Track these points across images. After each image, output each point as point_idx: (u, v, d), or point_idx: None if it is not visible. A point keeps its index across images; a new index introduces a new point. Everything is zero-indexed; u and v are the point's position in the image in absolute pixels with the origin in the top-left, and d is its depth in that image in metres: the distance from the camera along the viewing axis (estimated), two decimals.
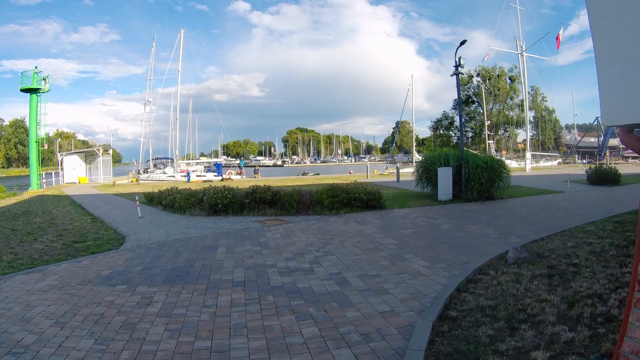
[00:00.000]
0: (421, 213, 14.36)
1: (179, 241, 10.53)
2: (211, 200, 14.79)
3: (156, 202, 18.04)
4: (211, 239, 10.66)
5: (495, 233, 10.58)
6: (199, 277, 7.26)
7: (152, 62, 55.38)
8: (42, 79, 34.95)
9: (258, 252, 9.03)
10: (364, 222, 12.57)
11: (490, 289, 6.08)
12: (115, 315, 5.55)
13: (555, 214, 13.64)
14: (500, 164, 18.43)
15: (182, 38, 49.70)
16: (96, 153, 45.14)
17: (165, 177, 45.61)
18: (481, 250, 8.74)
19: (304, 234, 10.96)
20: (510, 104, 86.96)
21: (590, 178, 25.43)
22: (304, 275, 7.16)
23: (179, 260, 8.56)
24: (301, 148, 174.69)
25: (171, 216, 15.21)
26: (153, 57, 55.72)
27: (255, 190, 15.13)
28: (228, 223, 13.15)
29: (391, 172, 45.83)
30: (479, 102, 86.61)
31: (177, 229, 12.34)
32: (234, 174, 49.04)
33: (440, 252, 8.57)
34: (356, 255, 8.45)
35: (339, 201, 14.62)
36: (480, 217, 13.31)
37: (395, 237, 10.27)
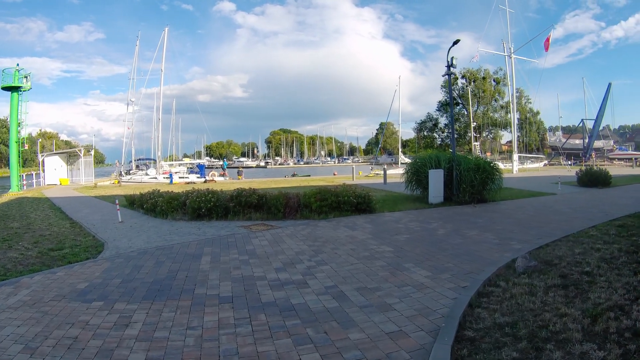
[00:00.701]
0: (413, 217, 13.94)
1: (160, 249, 9.92)
2: (194, 204, 14.18)
3: (137, 206, 17.39)
4: (195, 247, 10.06)
5: (495, 238, 10.19)
6: (182, 292, 6.65)
7: (135, 61, 54.02)
8: (24, 77, 33.82)
9: (245, 262, 8.45)
10: (355, 227, 12.08)
11: (505, 303, 5.62)
12: (91, 339, 4.94)
13: (553, 217, 13.35)
14: (492, 165, 18.07)
15: (166, 36, 48.52)
16: (78, 154, 44.06)
17: (147, 178, 44.67)
18: (484, 257, 8.32)
19: (293, 241, 10.41)
20: (495, 106, 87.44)
21: (581, 180, 25.36)
22: (297, 289, 6.60)
23: (161, 271, 7.94)
24: (284, 149, 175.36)
25: (153, 221, 14.57)
26: (137, 56, 54.34)
27: (240, 193, 14.57)
28: (212, 228, 12.57)
29: (377, 174, 45.57)
30: (463, 104, 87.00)
31: (158, 235, 11.72)
32: (217, 175, 48.65)
33: (441, 261, 8.12)
34: (352, 265, 7.94)
35: (328, 205, 14.12)
36: (476, 221, 12.93)
37: (391, 243, 9.80)
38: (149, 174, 46.95)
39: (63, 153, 45.96)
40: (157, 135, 50.33)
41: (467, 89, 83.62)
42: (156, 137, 50.99)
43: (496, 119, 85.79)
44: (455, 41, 18.33)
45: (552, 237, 9.94)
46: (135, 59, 53.98)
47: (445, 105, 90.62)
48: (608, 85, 73.78)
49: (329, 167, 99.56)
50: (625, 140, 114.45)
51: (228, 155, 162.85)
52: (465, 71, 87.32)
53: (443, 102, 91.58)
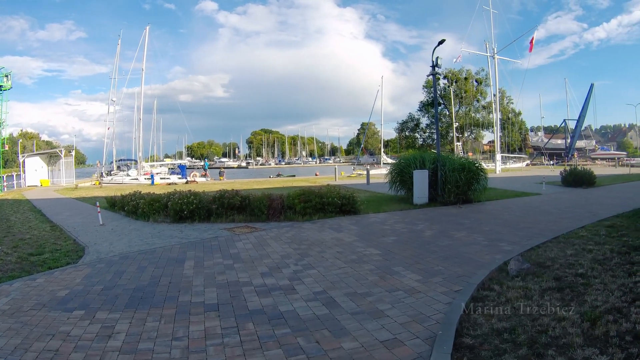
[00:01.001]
0: (399, 218, 13.82)
1: (142, 253, 9.62)
2: (176, 206, 13.88)
3: (119, 208, 17.01)
4: (177, 251, 9.77)
5: (483, 240, 10.12)
6: (166, 299, 6.37)
7: (117, 61, 53.04)
8: (5, 76, 33.14)
9: (230, 267, 8.18)
10: (340, 229, 11.91)
11: (501, 307, 5.49)
12: (72, 352, 4.66)
13: (540, 217, 13.37)
14: (477, 166, 18.05)
15: (147, 35, 48.04)
16: (58, 154, 43.12)
17: (128, 179, 44.17)
18: (474, 260, 8.22)
19: (278, 244, 10.19)
20: (477, 106, 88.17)
21: (565, 180, 25.57)
22: (284, 295, 6.37)
23: (143, 277, 7.64)
24: (266, 149, 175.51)
25: (134, 223, 14.22)
26: (118, 56, 53.30)
27: (223, 195, 14.30)
28: (195, 231, 12.28)
29: (359, 174, 45.59)
30: (445, 104, 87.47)
31: (140, 239, 11.40)
32: (199, 176, 48.15)
33: (431, 264, 7.98)
34: (339, 269, 7.74)
35: (312, 206, 13.93)
36: (462, 222, 12.87)
37: (378, 246, 9.63)
38: (130, 175, 46.41)
39: (44, 154, 45.10)
40: (138, 135, 49.77)
41: (449, 90, 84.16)
42: (137, 138, 50.43)
43: (478, 119, 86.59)
44: (441, 41, 18.30)
45: (542, 238, 9.92)
46: (117, 58, 53.24)
47: (427, 106, 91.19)
48: (590, 86, 74.92)
49: (311, 168, 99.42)
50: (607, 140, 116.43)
51: (209, 155, 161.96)
52: (447, 72, 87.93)
53: (425, 102, 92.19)
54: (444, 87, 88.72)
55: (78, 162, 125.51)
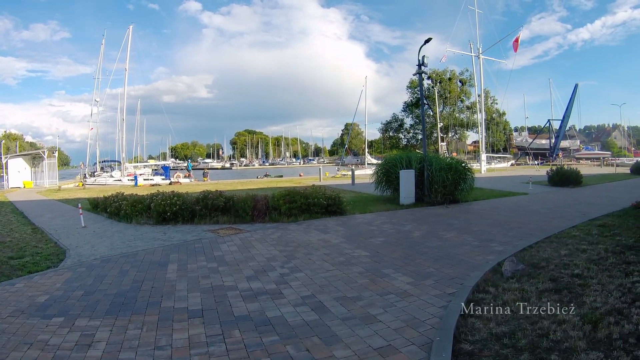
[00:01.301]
0: (386, 219, 13.65)
1: (124, 256, 9.29)
2: (159, 207, 13.58)
3: (101, 209, 16.64)
4: (160, 254, 9.46)
5: (474, 240, 9.98)
6: (148, 305, 6.06)
7: (100, 61, 52.37)
8: None
9: (214, 270, 7.90)
10: (326, 230, 11.70)
11: (498, 310, 5.30)
12: None
13: (530, 217, 13.34)
14: (464, 165, 17.96)
15: (131, 34, 47.51)
16: (41, 156, 42.79)
17: (111, 181, 43.72)
18: (466, 261, 8.06)
19: (263, 246, 9.94)
20: (461, 107, 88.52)
21: (552, 179, 25.71)
22: (271, 299, 6.11)
23: (125, 281, 7.32)
24: (249, 150, 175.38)
25: (116, 225, 13.88)
26: (102, 56, 52.73)
27: (207, 196, 14.04)
28: (178, 233, 11.99)
29: (343, 174, 45.51)
30: (429, 105, 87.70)
31: (122, 241, 11.07)
32: (182, 177, 47.73)
33: (421, 266, 7.79)
34: (328, 272, 7.50)
35: (297, 207, 13.70)
36: (451, 222, 12.75)
37: (366, 247, 9.43)
38: (113, 176, 45.94)
39: (27, 155, 44.76)
40: (122, 136, 49.08)
41: (433, 90, 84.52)
42: (120, 138, 49.70)
43: (462, 120, 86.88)
44: (427, 40, 18.21)
45: (533, 238, 9.84)
46: (101, 59, 52.66)
47: (411, 106, 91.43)
48: (575, 86, 75.89)
49: (295, 168, 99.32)
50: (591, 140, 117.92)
51: (193, 156, 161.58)
52: (431, 72, 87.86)
53: (409, 102, 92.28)
54: (428, 87, 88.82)
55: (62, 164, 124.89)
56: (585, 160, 73.76)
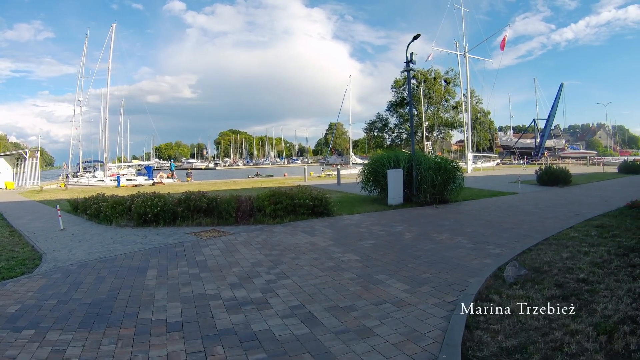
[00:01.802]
0: (375, 220, 13.26)
1: (102, 261, 8.76)
2: (140, 209, 13.06)
3: (81, 211, 16.05)
4: (140, 258, 8.95)
5: (468, 243, 9.63)
6: (124, 317, 5.54)
7: (83, 60, 51.50)
8: None
9: (196, 276, 7.40)
10: (313, 233, 11.25)
11: (506, 321, 4.91)
12: None
13: (523, 218, 13.08)
14: (453, 165, 17.63)
15: (114, 33, 46.96)
16: (23, 156, 42.01)
17: (94, 181, 43.07)
18: (463, 265, 7.69)
19: (248, 249, 9.45)
20: (446, 106, 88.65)
21: (541, 179, 25.60)
22: (257, 310, 5.61)
23: (101, 289, 6.79)
24: (233, 150, 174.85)
25: (96, 227, 13.31)
26: (85, 54, 51.89)
27: (189, 197, 13.52)
28: (159, 236, 11.47)
29: (328, 174, 45.17)
30: (414, 104, 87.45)
31: (101, 245, 10.54)
32: (165, 177, 47.07)
33: (416, 271, 7.39)
34: (317, 278, 7.04)
35: (283, 208, 13.26)
36: (442, 223, 12.41)
37: (356, 251, 9.01)
38: (96, 177, 45.33)
39: (8, 155, 44.07)
40: (105, 136, 48.27)
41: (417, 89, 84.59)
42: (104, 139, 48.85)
43: (446, 119, 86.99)
44: (416, 36, 17.88)
45: (530, 240, 9.57)
46: (84, 57, 51.82)
47: (395, 106, 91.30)
48: (560, 86, 76.48)
49: (279, 168, 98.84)
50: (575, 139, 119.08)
51: (177, 156, 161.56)
52: (416, 71, 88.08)
53: (393, 102, 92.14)
54: (413, 86, 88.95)
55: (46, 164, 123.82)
56: (570, 160, 74.28)
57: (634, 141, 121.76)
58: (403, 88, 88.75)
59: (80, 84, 50.95)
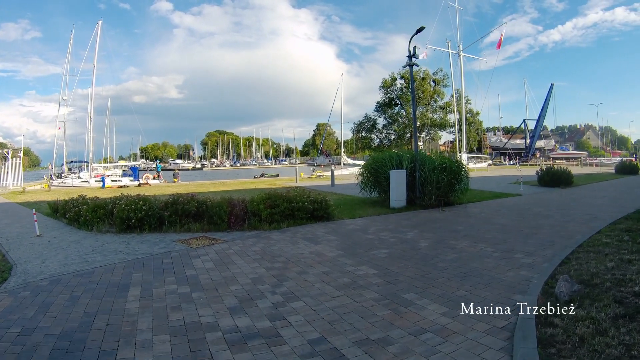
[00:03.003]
0: (381, 225, 12.19)
1: (78, 275, 7.54)
2: (122, 213, 11.76)
3: (60, 215, 14.68)
4: (121, 272, 7.70)
5: (493, 251, 8.64)
6: (99, 356, 4.32)
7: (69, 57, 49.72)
8: None
9: (187, 297, 6.17)
10: (316, 240, 10.11)
11: (579, 352, 3.93)
12: None
13: (539, 221, 12.24)
14: (459, 165, 16.65)
15: (100, 30, 45.22)
16: (5, 156, 40.58)
17: (78, 182, 41.38)
18: (498, 278, 6.69)
19: (245, 261, 8.25)
20: (434, 107, 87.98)
21: (542, 180, 24.84)
22: (268, 347, 4.42)
23: (74, 314, 5.57)
24: (220, 151, 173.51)
25: (75, 233, 11.98)
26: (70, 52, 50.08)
27: (177, 200, 12.23)
28: (144, 244, 10.22)
29: (319, 175, 44.13)
30: (402, 105, 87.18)
31: (78, 254, 9.27)
32: (151, 178, 45.54)
33: (448, 287, 6.33)
34: (334, 299, 5.91)
35: (280, 212, 12.09)
36: (455, 228, 11.42)
37: (370, 262, 7.91)
38: (81, 177, 43.60)
39: None
40: (90, 136, 46.66)
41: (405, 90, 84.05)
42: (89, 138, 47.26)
43: (435, 120, 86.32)
44: (419, 29, 16.85)
45: (558, 247, 8.73)
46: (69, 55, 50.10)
47: (383, 106, 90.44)
48: (550, 86, 76.42)
49: (266, 169, 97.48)
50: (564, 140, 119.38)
51: (164, 157, 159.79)
52: (404, 72, 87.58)
53: (381, 102, 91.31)
54: (400, 87, 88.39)
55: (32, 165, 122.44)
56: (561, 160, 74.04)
57: (623, 142, 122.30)
58: (391, 88, 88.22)
59: (65, 83, 49.12)
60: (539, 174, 25.44)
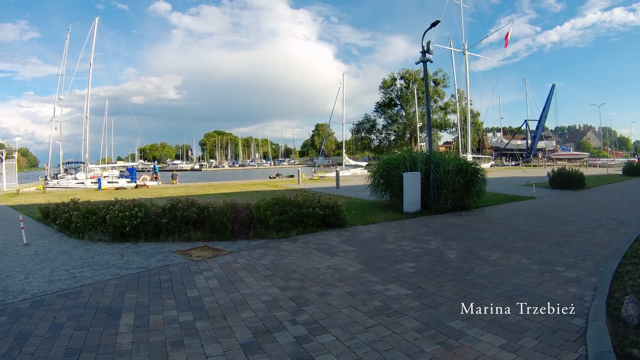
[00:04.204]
0: (398, 232, 11.26)
1: (63, 296, 6.51)
2: (116, 220, 10.69)
3: (51, 220, 13.57)
4: (112, 292, 6.67)
5: (531, 263, 7.77)
6: None
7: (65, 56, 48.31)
8: None
9: (190, 328, 5.15)
10: (332, 251, 9.13)
11: None
12: None
13: (566, 227, 11.44)
14: (475, 167, 15.71)
15: (96, 27, 44.08)
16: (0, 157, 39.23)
17: (74, 183, 40.26)
18: (548, 297, 5.86)
19: (255, 279, 7.25)
20: (434, 107, 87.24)
21: (554, 181, 23.96)
22: None
23: (55, 350, 4.60)
24: (219, 151, 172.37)
25: (65, 242, 10.89)
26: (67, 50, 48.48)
27: (175, 206, 11.10)
28: (139, 255, 9.15)
29: (321, 177, 43.11)
30: (402, 105, 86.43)
31: (66, 268, 8.22)
32: (149, 179, 44.46)
33: (496, 311, 5.42)
34: (368, 331, 4.94)
35: (289, 219, 11.09)
36: (480, 236, 10.52)
37: (399, 280, 6.96)
38: (77, 179, 42.44)
39: None
40: (86, 136, 45.51)
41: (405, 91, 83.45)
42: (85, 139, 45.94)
43: (435, 120, 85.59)
44: (434, 23, 15.91)
45: (599, 258, 8.07)
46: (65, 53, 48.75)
47: (383, 106, 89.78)
48: (552, 86, 75.82)
49: (266, 170, 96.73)
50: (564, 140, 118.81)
51: (162, 157, 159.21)
52: (404, 72, 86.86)
53: (381, 102, 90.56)
54: (400, 87, 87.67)
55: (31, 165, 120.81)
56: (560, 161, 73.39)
57: (624, 142, 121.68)
58: (391, 89, 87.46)
59: (61, 82, 47.75)
60: (550, 175, 24.54)
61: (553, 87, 75.05)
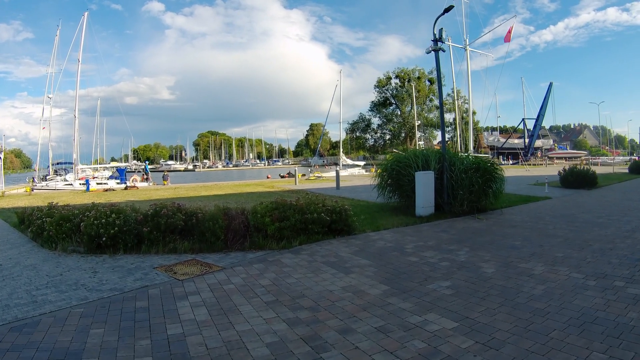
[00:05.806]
0: (416, 240, 9.93)
1: (15, 329, 5.07)
2: (91, 229, 9.19)
3: (25, 227, 12.22)
4: (74, 326, 5.22)
5: (583, 277, 6.63)
6: None
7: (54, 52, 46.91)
8: None
9: None
10: (345, 266, 7.73)
11: None
12: None
13: (600, 231, 10.46)
14: (492, 164, 14.40)
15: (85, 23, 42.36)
16: None
17: (62, 185, 38.71)
18: (626, 325, 4.76)
19: (254, 307, 5.80)
20: (430, 106, 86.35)
21: (565, 180, 22.91)
22: None
23: None
24: (212, 152, 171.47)
25: (36, 253, 9.49)
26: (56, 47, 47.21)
27: (158, 212, 9.61)
28: (114, 273, 7.66)
29: (318, 177, 41.87)
30: (397, 104, 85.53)
31: (28, 289, 6.81)
32: (139, 180, 43.15)
33: (573, 348, 4.21)
34: None
35: (290, 226, 9.68)
36: (511, 243, 9.27)
37: (437, 306, 5.60)
38: (66, 180, 40.97)
39: None
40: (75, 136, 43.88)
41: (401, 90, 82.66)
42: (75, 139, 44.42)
43: (431, 119, 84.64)
44: (448, 8, 14.54)
45: None
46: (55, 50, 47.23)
47: (378, 106, 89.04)
48: (549, 85, 75.10)
49: (260, 170, 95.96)
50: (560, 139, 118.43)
51: (155, 158, 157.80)
52: (399, 71, 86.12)
53: (376, 102, 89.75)
54: (395, 86, 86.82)
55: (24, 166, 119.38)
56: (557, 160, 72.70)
57: (620, 141, 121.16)
58: (386, 88, 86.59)
59: (51, 80, 46.43)
60: (562, 174, 23.39)
61: (550, 85, 74.21)
